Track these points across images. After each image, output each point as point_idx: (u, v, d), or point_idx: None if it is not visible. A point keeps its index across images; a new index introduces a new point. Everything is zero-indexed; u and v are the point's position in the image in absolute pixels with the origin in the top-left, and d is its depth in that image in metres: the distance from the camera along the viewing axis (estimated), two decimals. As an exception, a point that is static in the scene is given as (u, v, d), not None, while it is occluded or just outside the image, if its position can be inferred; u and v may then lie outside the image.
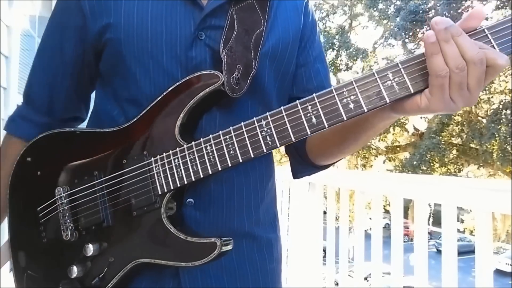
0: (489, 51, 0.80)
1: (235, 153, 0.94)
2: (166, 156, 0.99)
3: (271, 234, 1.20)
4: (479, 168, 21.15)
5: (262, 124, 0.93)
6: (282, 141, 0.92)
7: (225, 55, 1.02)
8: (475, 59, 0.79)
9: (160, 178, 0.99)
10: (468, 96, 0.82)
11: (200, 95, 0.99)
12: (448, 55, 0.80)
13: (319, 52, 1.24)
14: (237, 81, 1.02)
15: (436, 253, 19.38)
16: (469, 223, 25.51)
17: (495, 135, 17.08)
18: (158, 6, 1.05)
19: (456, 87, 0.81)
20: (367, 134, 1.04)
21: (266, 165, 1.19)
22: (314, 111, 0.89)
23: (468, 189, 1.93)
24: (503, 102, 17.87)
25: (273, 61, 1.11)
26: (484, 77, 0.81)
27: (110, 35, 1.06)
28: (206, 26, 1.06)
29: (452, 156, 20.05)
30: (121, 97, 1.10)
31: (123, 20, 1.05)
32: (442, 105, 0.83)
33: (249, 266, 1.12)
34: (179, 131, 1.00)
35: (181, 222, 1.04)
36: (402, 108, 0.88)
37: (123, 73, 1.07)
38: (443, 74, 0.81)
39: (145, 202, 1.00)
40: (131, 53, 1.05)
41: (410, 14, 19.21)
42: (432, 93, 0.83)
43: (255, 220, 1.15)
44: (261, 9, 1.10)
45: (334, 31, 23.27)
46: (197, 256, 0.95)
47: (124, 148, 1.05)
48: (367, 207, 2.95)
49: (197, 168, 0.96)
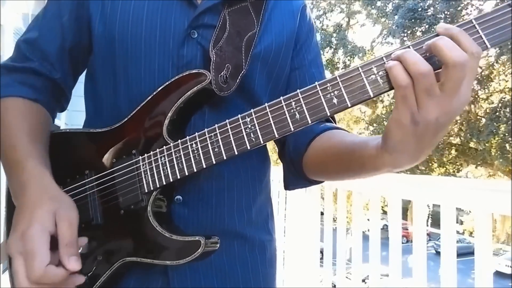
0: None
1: (219, 150, 0.95)
2: (153, 154, 1.01)
3: (264, 235, 1.21)
4: (477, 167, 21.23)
5: (246, 121, 0.94)
6: (265, 138, 0.92)
7: (214, 54, 1.04)
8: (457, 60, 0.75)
9: (147, 176, 1.01)
10: (447, 100, 0.77)
11: (187, 94, 1.01)
12: (408, 61, 0.77)
13: (315, 56, 1.25)
14: (225, 80, 1.03)
15: (435, 254, 19.43)
16: (468, 224, 25.63)
17: (493, 133, 17.15)
18: (154, 5, 1.07)
19: (423, 94, 0.77)
20: (365, 170, 0.98)
21: (259, 163, 1.20)
22: (298, 107, 0.89)
23: (467, 190, 1.93)
24: (502, 101, 17.94)
25: (265, 64, 1.13)
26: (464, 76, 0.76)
27: (103, 29, 1.08)
28: (198, 25, 1.08)
29: (451, 156, 20.12)
30: (111, 95, 1.11)
31: (119, 15, 1.07)
32: (409, 116, 0.79)
33: (240, 266, 1.13)
34: (167, 130, 1.02)
35: (169, 220, 1.05)
36: (385, 135, 0.85)
37: (114, 69, 1.09)
38: (404, 84, 0.77)
39: (132, 200, 1.01)
40: (124, 49, 1.07)
41: (409, 12, 19.26)
42: (397, 107, 0.80)
43: (247, 220, 1.15)
44: (255, 12, 1.12)
45: (332, 29, 23.34)
46: (181, 255, 0.96)
47: (114, 148, 1.06)
48: (365, 208, 2.96)
49: (182, 166, 0.98)
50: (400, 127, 0.80)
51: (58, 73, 1.15)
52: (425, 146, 0.83)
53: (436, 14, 19.10)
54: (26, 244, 0.84)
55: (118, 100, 1.10)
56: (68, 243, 0.87)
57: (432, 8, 19.31)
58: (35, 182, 0.95)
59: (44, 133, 1.10)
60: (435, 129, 0.80)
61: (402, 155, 0.85)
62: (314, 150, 1.14)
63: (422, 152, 0.84)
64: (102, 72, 1.13)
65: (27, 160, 0.99)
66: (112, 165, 1.05)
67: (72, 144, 1.13)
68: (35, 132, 1.06)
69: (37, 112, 1.11)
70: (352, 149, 0.99)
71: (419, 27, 19.69)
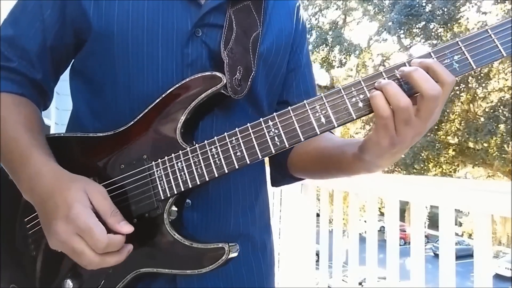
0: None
1: (242, 155, 0.95)
2: (168, 159, 0.99)
3: (265, 236, 1.23)
4: (474, 167, 21.30)
5: (269, 124, 0.94)
6: (291, 141, 0.93)
7: (226, 56, 1.04)
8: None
9: (163, 183, 0.99)
10: (421, 124, 0.88)
11: (201, 97, 1.00)
12: (389, 93, 0.86)
13: (307, 56, 1.30)
14: (239, 82, 1.04)
15: (433, 257, 19.52)
16: (467, 226, 25.70)
17: (492, 132, 17.21)
18: (154, 3, 1.06)
19: (402, 124, 0.87)
20: (341, 173, 1.14)
21: (259, 165, 1.20)
22: (323, 110, 0.92)
23: (466, 191, 1.94)
24: (502, 100, 18.01)
25: (265, 64, 1.14)
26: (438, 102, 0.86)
27: (99, 28, 1.05)
28: (204, 24, 1.07)
29: (448, 156, 20.17)
30: (108, 95, 1.09)
31: (117, 14, 1.04)
32: (388, 140, 0.89)
33: (244, 267, 1.14)
34: (180, 133, 1.00)
35: (182, 227, 1.04)
36: (363, 145, 0.97)
37: (112, 69, 1.07)
38: (385, 115, 0.86)
39: (146, 208, 0.99)
40: (124, 48, 1.05)
41: (406, 8, 19.29)
42: (377, 132, 0.89)
43: (251, 221, 1.17)
44: (257, 11, 1.12)
45: (328, 26, 23.34)
46: (205, 263, 0.95)
47: (122, 153, 1.03)
48: (362, 209, 2.97)
49: (202, 171, 0.96)
50: (378, 148, 0.91)
51: (39, 73, 1.11)
52: (398, 157, 0.96)
53: (433, 11, 19.15)
54: (78, 224, 0.87)
55: (119, 101, 1.08)
56: (112, 213, 0.93)
57: (430, 5, 19.35)
58: (47, 170, 0.96)
59: (39, 125, 1.09)
60: (408, 146, 0.92)
61: (377, 166, 0.99)
62: (296, 151, 1.21)
63: (394, 160, 0.98)
64: (98, 71, 1.10)
65: (31, 151, 0.99)
66: (120, 171, 1.02)
67: (74, 149, 1.09)
68: (31, 124, 1.05)
69: (27, 105, 1.09)
70: (330, 155, 1.12)
71: (416, 24, 19.74)
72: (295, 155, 1.22)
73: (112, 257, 0.91)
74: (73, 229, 0.87)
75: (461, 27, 19.40)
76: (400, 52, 22.18)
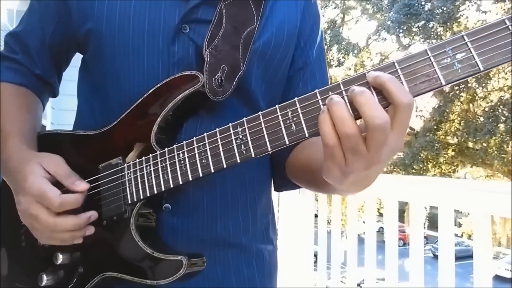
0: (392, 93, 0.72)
1: (207, 162, 0.88)
2: (138, 162, 0.97)
3: (262, 245, 1.16)
4: (472, 167, 21.32)
5: (238, 130, 0.86)
6: (257, 151, 0.84)
7: (208, 54, 0.98)
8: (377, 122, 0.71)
9: (131, 186, 0.96)
10: (374, 156, 0.75)
11: (178, 98, 0.96)
12: (335, 118, 0.73)
13: (319, 53, 1.20)
14: (220, 83, 0.98)
15: (433, 258, 19.51)
16: (467, 226, 25.68)
17: (492, 132, 17.24)
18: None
19: (349, 153, 0.75)
20: (326, 191, 1.06)
21: (258, 166, 1.14)
22: (295, 117, 0.80)
23: (466, 191, 1.95)
24: (501, 100, 18.04)
25: (262, 60, 1.07)
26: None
27: (91, 26, 1.04)
28: (191, 19, 1.02)
29: (447, 156, 20.20)
30: (103, 93, 1.09)
31: (106, 10, 1.03)
32: (338, 170, 0.78)
33: (235, 277, 1.09)
34: (155, 136, 0.97)
35: (156, 235, 1.01)
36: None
37: (104, 67, 1.06)
38: (331, 144, 0.75)
39: (114, 211, 0.98)
40: (112, 46, 1.03)
41: (405, 6, 19.32)
42: (325, 161, 0.79)
43: (244, 228, 1.11)
44: (256, 4, 1.05)
45: (326, 25, 23.34)
46: (162, 275, 0.92)
47: (101, 152, 1.03)
48: (360, 210, 2.96)
49: (167, 177, 0.92)
50: (332, 176, 0.80)
51: (38, 68, 1.16)
52: (365, 183, 0.84)
53: (433, 10, 19.18)
54: (32, 192, 0.93)
55: (110, 100, 1.07)
56: (65, 175, 0.98)
57: (429, 4, 19.38)
58: (16, 154, 1.02)
59: (31, 113, 1.14)
60: (367, 176, 0.80)
61: (345, 191, 0.93)
62: (292, 157, 1.13)
63: (364, 185, 0.85)
64: (94, 71, 1.11)
65: (7, 139, 1.05)
66: (97, 171, 1.01)
67: (59, 146, 1.09)
68: (18, 112, 1.10)
69: (23, 94, 1.14)
70: (317, 168, 0.93)
71: (415, 23, 19.76)
72: (290, 161, 1.14)
73: (68, 218, 0.94)
74: (30, 198, 0.93)
75: (461, 26, 19.42)
76: (399, 51, 22.19)
